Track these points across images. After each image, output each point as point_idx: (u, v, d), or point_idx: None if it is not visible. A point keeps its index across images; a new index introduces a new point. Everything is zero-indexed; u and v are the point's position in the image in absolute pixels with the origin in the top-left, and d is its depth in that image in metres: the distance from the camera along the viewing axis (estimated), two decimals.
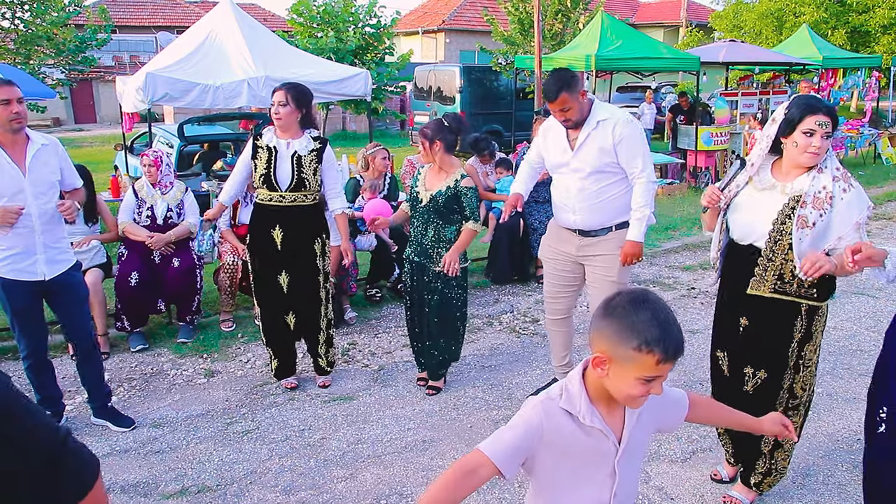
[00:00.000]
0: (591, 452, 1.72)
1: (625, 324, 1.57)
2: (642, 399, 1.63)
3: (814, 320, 2.88)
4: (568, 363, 4.28)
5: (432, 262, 4.17)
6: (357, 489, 3.37)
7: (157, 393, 4.40)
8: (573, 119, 3.66)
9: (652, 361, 1.54)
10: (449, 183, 4.11)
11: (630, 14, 33.28)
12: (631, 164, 3.69)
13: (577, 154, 3.72)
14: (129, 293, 4.88)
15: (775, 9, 23.01)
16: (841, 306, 5.90)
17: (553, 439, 1.69)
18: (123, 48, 27.34)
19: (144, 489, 3.37)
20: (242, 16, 7.90)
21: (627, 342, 1.55)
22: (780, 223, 2.78)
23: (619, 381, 1.60)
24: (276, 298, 4.28)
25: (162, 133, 9.56)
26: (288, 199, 4.13)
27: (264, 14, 31.55)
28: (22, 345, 3.73)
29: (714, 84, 17.08)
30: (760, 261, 2.85)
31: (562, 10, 15.98)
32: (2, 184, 3.44)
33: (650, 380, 1.57)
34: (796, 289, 2.81)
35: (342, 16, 17.01)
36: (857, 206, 2.70)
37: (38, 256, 3.58)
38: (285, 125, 4.08)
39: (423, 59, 27.09)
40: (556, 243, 4.01)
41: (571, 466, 1.73)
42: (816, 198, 2.71)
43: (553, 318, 4.17)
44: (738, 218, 2.93)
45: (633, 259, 3.76)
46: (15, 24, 12.71)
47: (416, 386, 4.46)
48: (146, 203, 5.07)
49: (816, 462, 3.56)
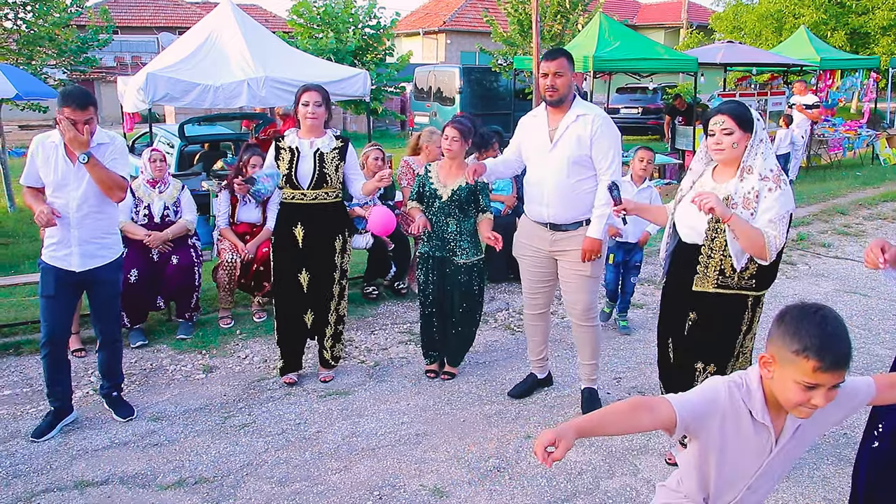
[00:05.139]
0: (751, 445, 1.85)
1: (792, 329, 1.68)
2: (805, 410, 1.71)
3: (756, 311, 3.12)
4: (544, 357, 4.37)
5: (455, 254, 4.31)
6: (351, 481, 3.44)
7: (157, 388, 4.47)
8: (559, 91, 3.74)
9: (809, 367, 1.63)
10: (467, 178, 4.21)
11: (631, 15, 33.33)
12: (602, 159, 3.77)
13: (556, 146, 3.80)
14: (129, 290, 4.94)
15: (775, 10, 23.06)
16: (833, 305, 5.92)
17: (727, 421, 1.83)
18: (125, 49, 27.38)
19: (143, 480, 3.44)
20: (243, 17, 7.97)
21: (790, 346, 1.66)
22: (714, 221, 2.99)
23: (781, 384, 1.72)
24: (295, 297, 4.35)
25: (163, 133, 9.63)
26: (310, 196, 4.22)
27: (265, 15, 31.61)
28: (43, 330, 3.82)
29: (713, 85, 17.13)
30: (701, 258, 3.06)
31: (561, 11, 16.04)
32: (53, 176, 3.66)
33: (810, 387, 1.66)
34: (737, 281, 3.02)
35: (342, 17, 17.09)
36: (779, 205, 2.89)
37: (73, 249, 3.72)
38: (318, 125, 4.21)
39: (425, 60, 27.15)
40: (528, 239, 4.08)
41: (732, 451, 1.86)
42: (746, 198, 2.93)
43: (531, 314, 4.24)
44: (682, 219, 3.17)
45: (591, 255, 3.84)
46: (17, 24, 12.78)
47: (410, 381, 4.53)
48: (143, 202, 5.14)
49: (802, 455, 3.61)
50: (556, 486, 3.39)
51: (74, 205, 3.68)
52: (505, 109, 14.82)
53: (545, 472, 3.48)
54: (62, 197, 3.68)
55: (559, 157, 3.79)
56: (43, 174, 3.69)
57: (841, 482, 3.38)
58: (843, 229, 8.75)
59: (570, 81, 3.76)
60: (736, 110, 2.95)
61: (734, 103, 3.04)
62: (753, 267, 2.99)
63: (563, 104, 3.79)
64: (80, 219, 3.70)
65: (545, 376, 4.43)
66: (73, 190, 3.66)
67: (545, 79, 3.76)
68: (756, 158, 2.95)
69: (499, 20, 17.74)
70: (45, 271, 3.78)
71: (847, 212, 9.69)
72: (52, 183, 3.67)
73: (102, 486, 3.39)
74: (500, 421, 4.04)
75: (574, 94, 3.85)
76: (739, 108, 2.97)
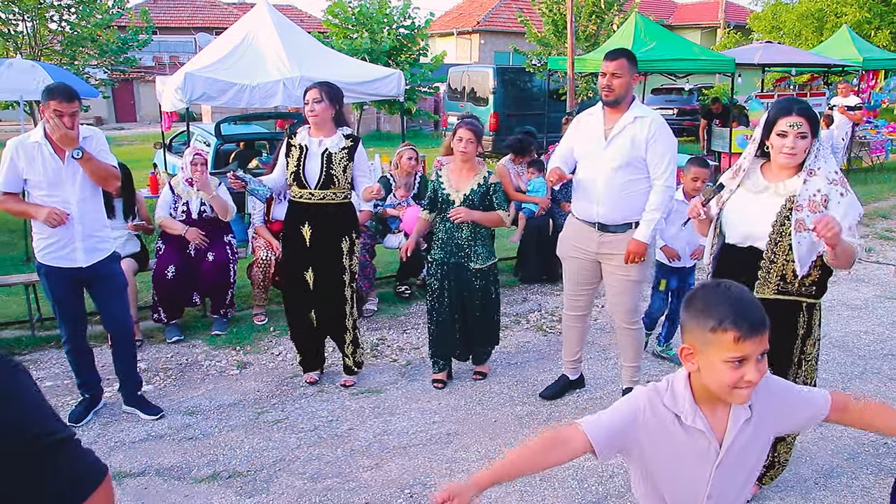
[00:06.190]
0: (690, 453, 1.72)
1: (700, 308, 1.61)
2: (742, 391, 1.60)
3: (813, 315, 2.97)
4: (578, 359, 4.34)
5: (470, 259, 4.25)
6: (382, 478, 3.45)
7: (192, 382, 4.54)
8: (615, 92, 3.70)
9: (729, 339, 1.55)
10: (479, 180, 4.20)
11: (667, 15, 32.93)
12: (657, 164, 3.72)
13: (610, 145, 3.75)
14: (166, 286, 5.05)
15: (816, 9, 22.56)
16: (872, 311, 5.83)
17: (652, 433, 1.72)
18: (163, 49, 27.86)
19: (178, 473, 3.50)
20: (279, 17, 8.05)
21: (705, 325, 1.58)
22: (779, 225, 2.82)
23: (709, 371, 1.61)
24: (302, 294, 4.36)
25: (199, 132, 9.77)
26: (317, 196, 4.20)
27: (300, 15, 31.93)
28: (62, 330, 3.92)
29: (750, 86, 16.84)
30: (763, 263, 2.89)
31: (596, 11, 15.92)
32: (44, 175, 3.63)
33: (739, 362, 1.56)
34: (797, 287, 2.88)
35: (377, 17, 17.17)
36: (852, 210, 2.76)
37: (77, 245, 3.74)
38: (321, 122, 4.17)
39: (458, 61, 27.13)
40: (574, 240, 4.04)
41: (669, 463, 1.74)
42: (812, 201, 2.75)
43: (571, 315, 4.21)
44: (736, 221, 2.96)
45: (636, 258, 3.79)
46: (62, 26, 13.09)
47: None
48: (181, 199, 5.24)
49: (840, 464, 3.55)
50: (588, 489, 3.36)
51: (74, 200, 3.69)
52: (538, 110, 14.72)
53: (576, 474, 3.46)
54: (58, 195, 3.65)
55: (612, 157, 3.75)
56: (29, 176, 3.64)
57: (881, 493, 3.30)
58: (884, 234, 8.54)
59: (628, 83, 3.70)
60: (811, 112, 2.78)
61: (805, 104, 2.85)
62: (816, 273, 2.86)
63: (620, 105, 3.75)
64: (81, 215, 3.72)
65: (577, 378, 4.40)
66: (69, 186, 3.66)
67: (603, 78, 3.72)
68: (819, 160, 2.80)
69: (533, 20, 17.66)
70: (49, 274, 3.77)
71: (889, 215, 9.46)
72: (43, 183, 3.63)
73: (139, 478, 3.46)
74: (531, 422, 4.03)
75: (633, 95, 3.79)
76: (811, 109, 2.81)
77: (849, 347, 5.06)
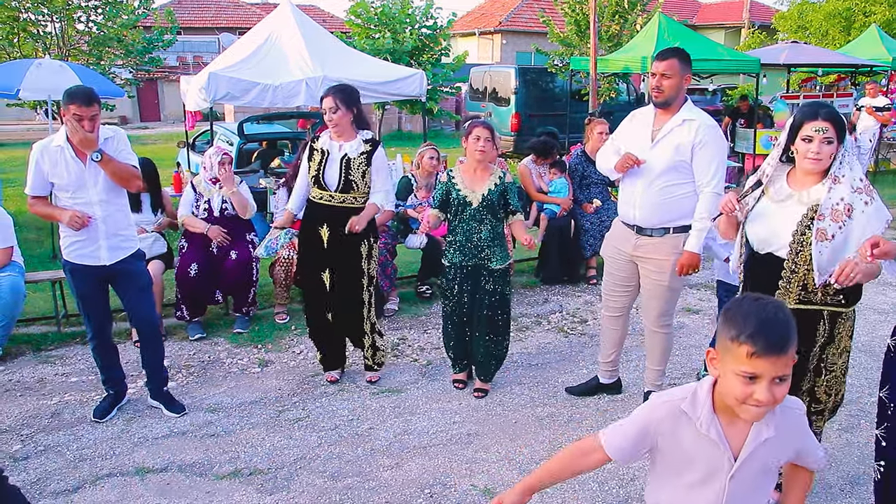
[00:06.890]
0: (704, 463, 1.72)
1: (730, 316, 1.61)
2: (751, 408, 1.59)
3: (836, 324, 2.85)
4: (613, 361, 4.28)
5: (490, 261, 4.18)
6: (402, 478, 3.46)
7: (214, 380, 4.57)
8: (664, 93, 3.62)
9: (743, 353, 1.55)
10: (495, 181, 4.15)
11: (690, 15, 32.67)
12: (703, 170, 3.63)
13: (656, 147, 3.68)
14: (189, 284, 5.09)
15: (843, 8, 22.21)
16: None
17: (669, 441, 1.74)
18: (187, 49, 28.14)
19: (200, 469, 3.53)
20: (302, 17, 8.08)
21: (728, 333, 1.59)
22: (800, 234, 2.75)
23: (725, 380, 1.63)
24: (319, 294, 4.38)
25: (223, 131, 9.85)
26: (337, 199, 4.22)
27: (323, 15, 32.08)
28: (88, 327, 3.98)
29: (775, 87, 16.64)
30: (784, 273, 2.81)
31: (619, 11, 15.81)
32: (68, 178, 3.70)
33: (750, 378, 1.56)
34: (821, 297, 2.78)
35: (399, 17, 17.17)
36: (877, 219, 2.68)
37: (101, 243, 3.81)
38: (341, 129, 4.18)
39: (480, 61, 27.11)
40: (615, 240, 4.00)
41: (685, 471, 1.75)
42: (835, 210, 2.67)
43: (607, 315, 4.18)
44: (758, 229, 2.90)
45: (689, 270, 3.71)
46: (89, 26, 13.25)
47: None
48: (203, 197, 5.29)
49: (867, 471, 3.48)
50: (608, 492, 3.34)
51: (97, 201, 3.75)
52: (560, 110, 14.65)
53: (597, 476, 3.43)
54: (82, 197, 3.72)
55: (656, 159, 3.67)
56: (54, 179, 3.71)
57: None
58: None
59: (679, 84, 3.60)
60: (837, 117, 2.70)
61: (832, 108, 2.78)
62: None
63: (671, 106, 3.66)
64: (105, 215, 3.78)
65: (610, 382, 4.33)
66: (91, 188, 3.72)
67: (653, 79, 3.65)
68: (844, 167, 2.72)
69: (555, 20, 17.58)
70: (74, 271, 3.85)
71: None
72: (69, 185, 3.71)
73: (162, 473, 3.49)
74: (552, 424, 4.01)
75: (685, 97, 3.69)
76: (838, 114, 2.73)
77: (875, 353, 4.97)
